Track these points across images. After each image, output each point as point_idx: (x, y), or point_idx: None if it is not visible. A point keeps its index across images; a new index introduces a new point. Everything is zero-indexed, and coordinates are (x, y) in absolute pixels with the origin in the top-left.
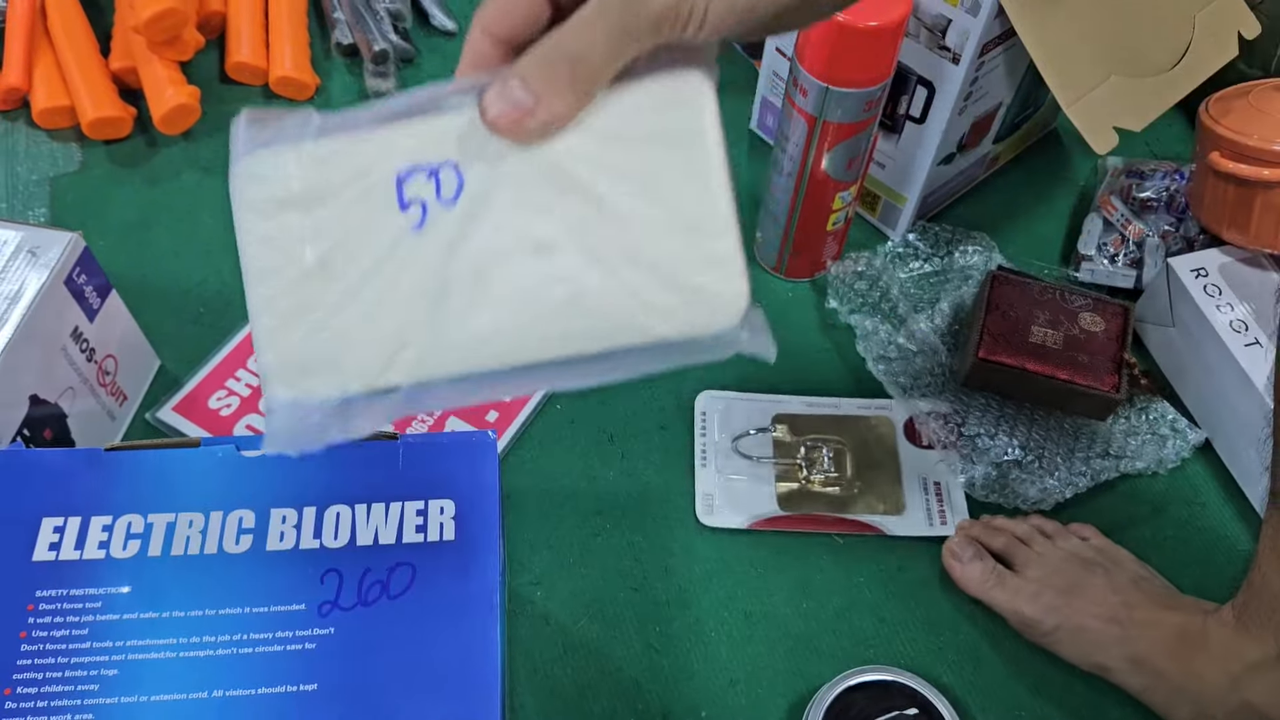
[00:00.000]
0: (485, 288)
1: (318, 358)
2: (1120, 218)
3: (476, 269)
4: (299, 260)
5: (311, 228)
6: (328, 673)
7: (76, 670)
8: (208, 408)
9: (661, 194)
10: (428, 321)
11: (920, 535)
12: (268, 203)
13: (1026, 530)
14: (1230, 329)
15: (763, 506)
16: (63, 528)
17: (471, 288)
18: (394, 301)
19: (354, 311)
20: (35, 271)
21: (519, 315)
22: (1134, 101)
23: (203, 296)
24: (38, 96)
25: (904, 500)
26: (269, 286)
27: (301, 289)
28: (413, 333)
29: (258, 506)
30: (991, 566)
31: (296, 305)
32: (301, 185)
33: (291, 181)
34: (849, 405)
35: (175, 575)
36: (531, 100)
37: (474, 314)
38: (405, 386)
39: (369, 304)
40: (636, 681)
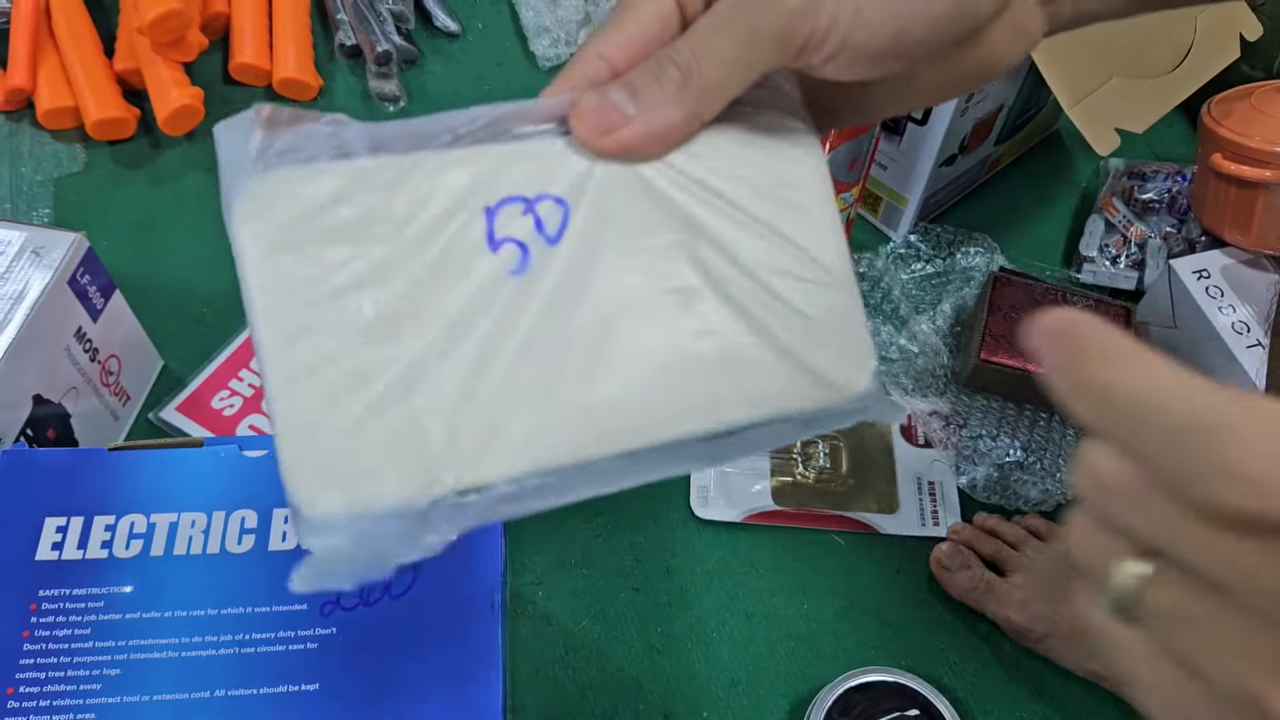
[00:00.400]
0: (612, 345)
1: (384, 448)
2: (1122, 219)
3: (599, 321)
4: (352, 313)
5: (367, 269)
6: (329, 672)
7: (79, 670)
8: (211, 408)
9: (787, 247)
10: (539, 391)
11: (913, 535)
12: (299, 234)
13: (1018, 534)
14: (1232, 330)
15: (757, 500)
16: (66, 527)
17: (595, 345)
18: (492, 366)
19: (436, 381)
20: (39, 272)
21: (659, 378)
22: (1136, 103)
23: (206, 297)
24: (42, 97)
25: (898, 499)
26: (306, 350)
27: (357, 352)
28: (519, 407)
29: (260, 506)
30: (980, 574)
31: (349, 375)
32: (353, 213)
33: (340, 208)
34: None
35: (178, 575)
36: (632, 108)
37: (600, 378)
38: (503, 481)
39: (458, 370)
40: (638, 682)
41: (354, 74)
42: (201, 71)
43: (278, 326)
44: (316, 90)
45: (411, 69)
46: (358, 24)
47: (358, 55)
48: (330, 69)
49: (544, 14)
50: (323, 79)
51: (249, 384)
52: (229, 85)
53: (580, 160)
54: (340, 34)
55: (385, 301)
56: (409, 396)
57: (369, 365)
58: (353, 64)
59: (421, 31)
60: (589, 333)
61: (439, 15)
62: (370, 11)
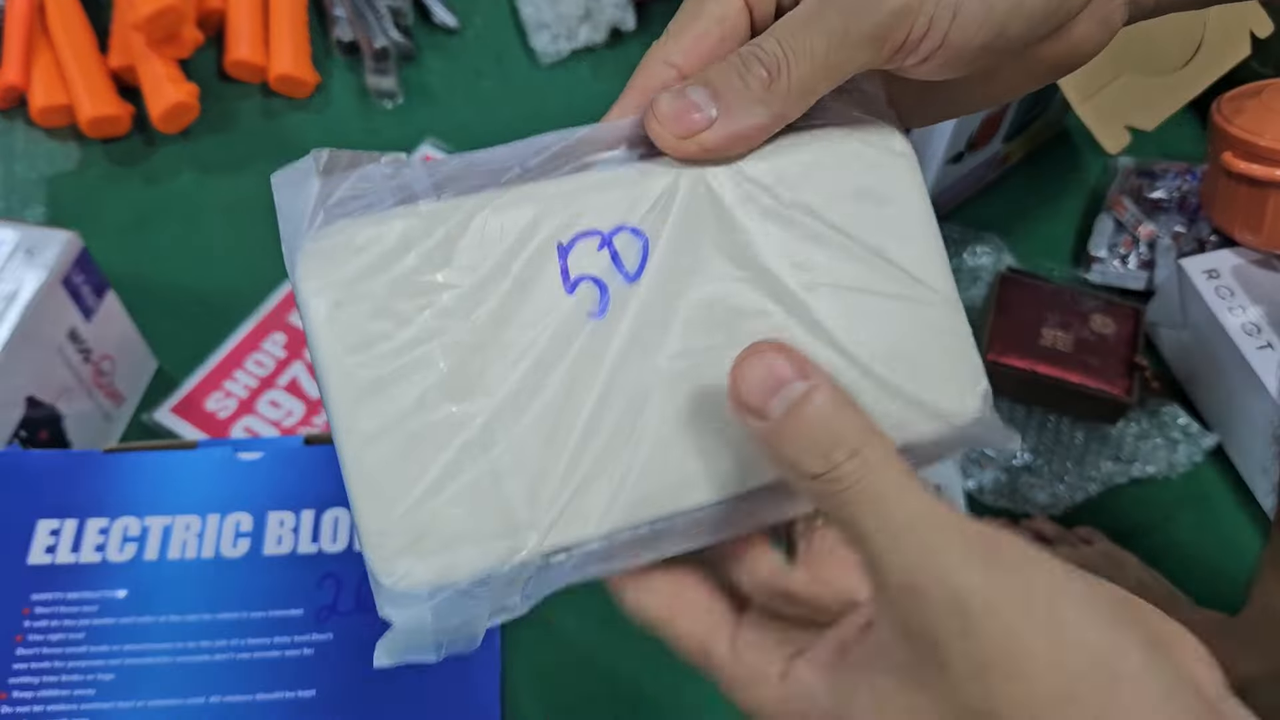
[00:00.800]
0: (699, 387)
1: (464, 512)
2: (1131, 218)
3: (685, 362)
4: (424, 367)
5: (436, 320)
6: (325, 679)
7: (73, 674)
8: (205, 409)
9: (882, 265)
10: (624, 440)
11: None
12: (365, 287)
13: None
14: (1243, 331)
15: None
16: (59, 530)
17: (680, 388)
18: (572, 418)
19: (514, 436)
20: (32, 271)
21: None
22: (1145, 100)
23: (201, 296)
24: (36, 94)
25: None
26: (377, 409)
27: (430, 409)
28: (604, 459)
29: (255, 510)
30: None
31: (424, 433)
32: (419, 261)
33: (405, 256)
34: None
35: (172, 579)
36: (714, 109)
37: (689, 423)
38: (597, 539)
39: (537, 424)
40: (638, 688)
41: (351, 70)
42: (197, 68)
43: (347, 386)
44: (313, 87)
45: (409, 65)
46: (355, 20)
47: (355, 51)
48: (327, 65)
49: (543, 9)
50: (319, 75)
51: (244, 386)
52: (224, 82)
53: (656, 187)
54: (337, 30)
55: (458, 354)
56: (487, 454)
57: (444, 423)
58: (350, 60)
59: (419, 27)
60: (674, 375)
61: (437, 11)
62: (368, 7)
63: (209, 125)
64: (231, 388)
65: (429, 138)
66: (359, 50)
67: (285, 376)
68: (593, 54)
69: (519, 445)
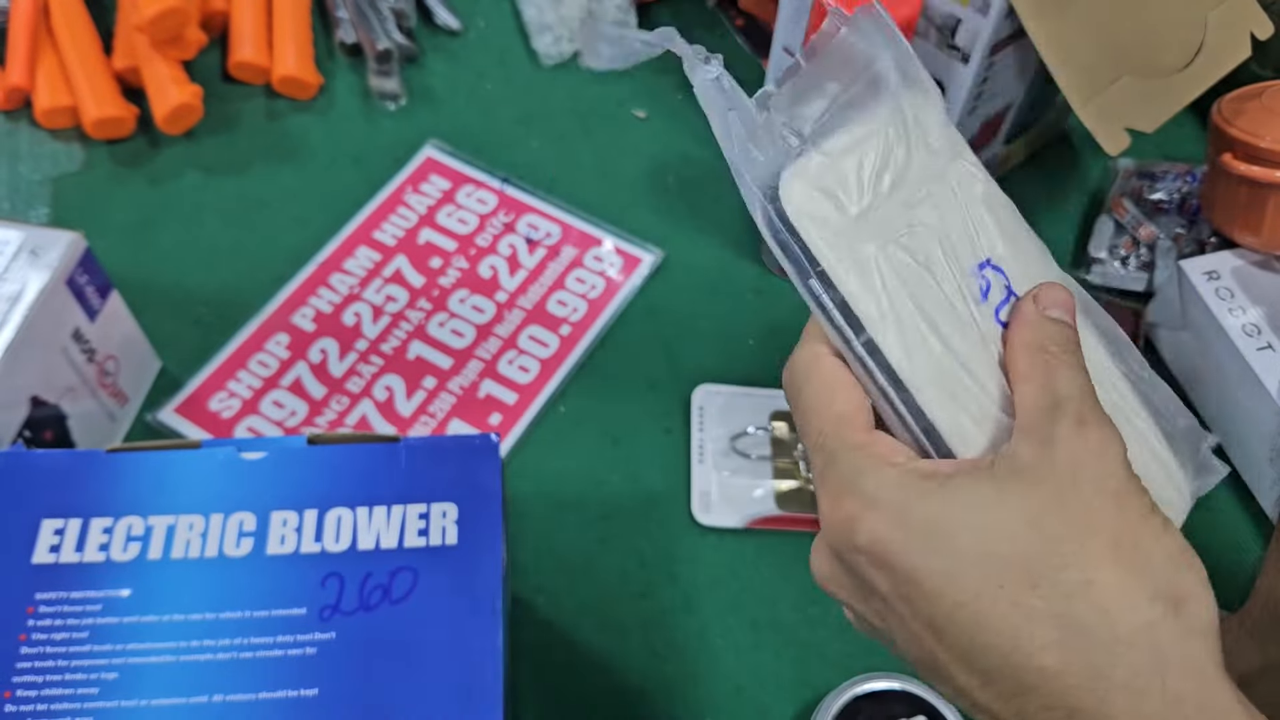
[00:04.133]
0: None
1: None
2: (1131, 220)
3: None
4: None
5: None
6: (329, 678)
7: (76, 674)
8: (209, 409)
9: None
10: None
11: None
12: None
13: None
14: (1243, 333)
15: (760, 505)
16: (63, 530)
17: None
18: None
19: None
20: (37, 272)
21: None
22: (1146, 102)
23: (204, 297)
24: (40, 96)
25: None
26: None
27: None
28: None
29: (258, 509)
30: None
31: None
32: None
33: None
34: None
35: (175, 578)
36: None
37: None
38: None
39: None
40: (641, 688)
41: (354, 72)
42: (200, 69)
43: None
44: (316, 88)
45: (412, 67)
46: (358, 21)
47: (358, 53)
48: (330, 67)
49: (546, 11)
50: (323, 77)
51: (247, 386)
52: (228, 83)
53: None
54: (340, 31)
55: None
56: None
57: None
58: (353, 61)
59: (422, 29)
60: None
61: (440, 12)
62: (371, 9)
63: (212, 126)
64: (235, 388)
65: (432, 139)
66: (362, 52)
67: (289, 377)
68: None
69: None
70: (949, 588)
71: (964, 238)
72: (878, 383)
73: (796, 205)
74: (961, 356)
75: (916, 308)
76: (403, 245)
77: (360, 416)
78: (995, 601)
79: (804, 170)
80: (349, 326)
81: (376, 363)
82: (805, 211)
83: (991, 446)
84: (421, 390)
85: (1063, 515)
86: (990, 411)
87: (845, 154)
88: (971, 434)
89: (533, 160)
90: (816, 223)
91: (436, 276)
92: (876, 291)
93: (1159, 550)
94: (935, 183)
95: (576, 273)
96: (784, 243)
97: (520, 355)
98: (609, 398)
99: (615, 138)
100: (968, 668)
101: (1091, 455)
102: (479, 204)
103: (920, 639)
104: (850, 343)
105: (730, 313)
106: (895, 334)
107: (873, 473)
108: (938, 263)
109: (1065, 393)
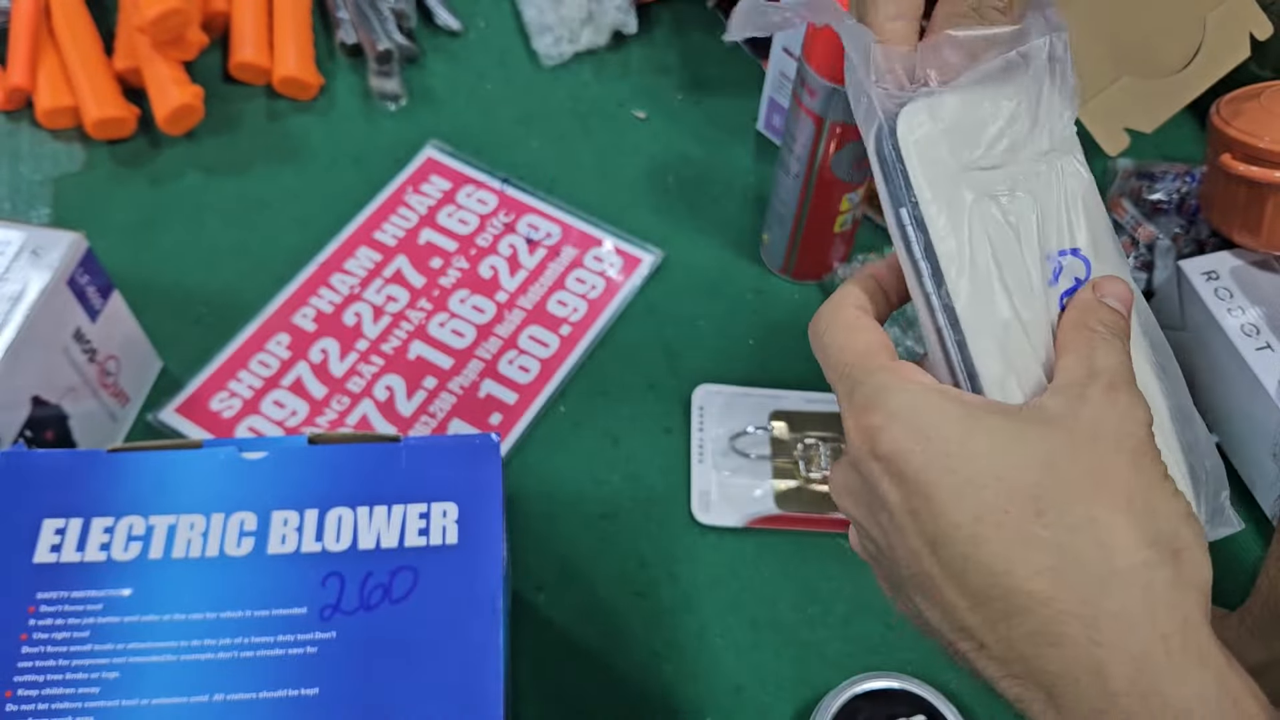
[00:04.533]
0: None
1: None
2: (1131, 220)
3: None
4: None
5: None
6: (329, 677)
7: (77, 673)
8: (209, 409)
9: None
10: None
11: None
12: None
13: None
14: (1242, 333)
15: (759, 504)
16: (64, 529)
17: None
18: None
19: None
20: (38, 272)
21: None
22: (1145, 103)
23: (205, 297)
24: (41, 96)
25: None
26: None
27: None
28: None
29: (259, 509)
30: None
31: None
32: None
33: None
34: None
35: (176, 578)
36: None
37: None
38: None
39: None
40: (641, 687)
41: (355, 72)
42: (201, 70)
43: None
44: (317, 89)
45: (413, 67)
46: (359, 22)
47: (359, 53)
48: (331, 67)
49: (546, 12)
50: (323, 77)
51: (248, 386)
52: (229, 84)
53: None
54: (341, 32)
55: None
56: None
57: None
58: (354, 62)
59: (423, 30)
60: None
61: (440, 13)
62: (371, 9)
63: (213, 127)
64: (236, 388)
65: (432, 140)
66: (362, 53)
67: (289, 376)
68: (595, 56)
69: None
70: (956, 505)
71: (1055, 222)
72: (936, 321)
73: (913, 135)
74: (1023, 319)
75: (995, 263)
76: (403, 245)
77: (361, 416)
78: (999, 525)
79: (932, 106)
80: (349, 326)
81: (377, 363)
82: (918, 141)
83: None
84: (422, 390)
85: (1078, 461)
86: (1035, 375)
87: (974, 106)
88: (1012, 391)
89: (533, 160)
90: (925, 159)
91: (437, 277)
92: (962, 235)
93: (1166, 508)
94: (1046, 165)
95: (577, 273)
96: (887, 167)
97: (520, 355)
98: (609, 398)
99: (615, 138)
100: (959, 587)
101: (1116, 415)
102: (479, 204)
103: (919, 555)
104: (922, 277)
105: (730, 313)
106: (969, 279)
107: (899, 390)
108: (1026, 232)
109: (1103, 365)
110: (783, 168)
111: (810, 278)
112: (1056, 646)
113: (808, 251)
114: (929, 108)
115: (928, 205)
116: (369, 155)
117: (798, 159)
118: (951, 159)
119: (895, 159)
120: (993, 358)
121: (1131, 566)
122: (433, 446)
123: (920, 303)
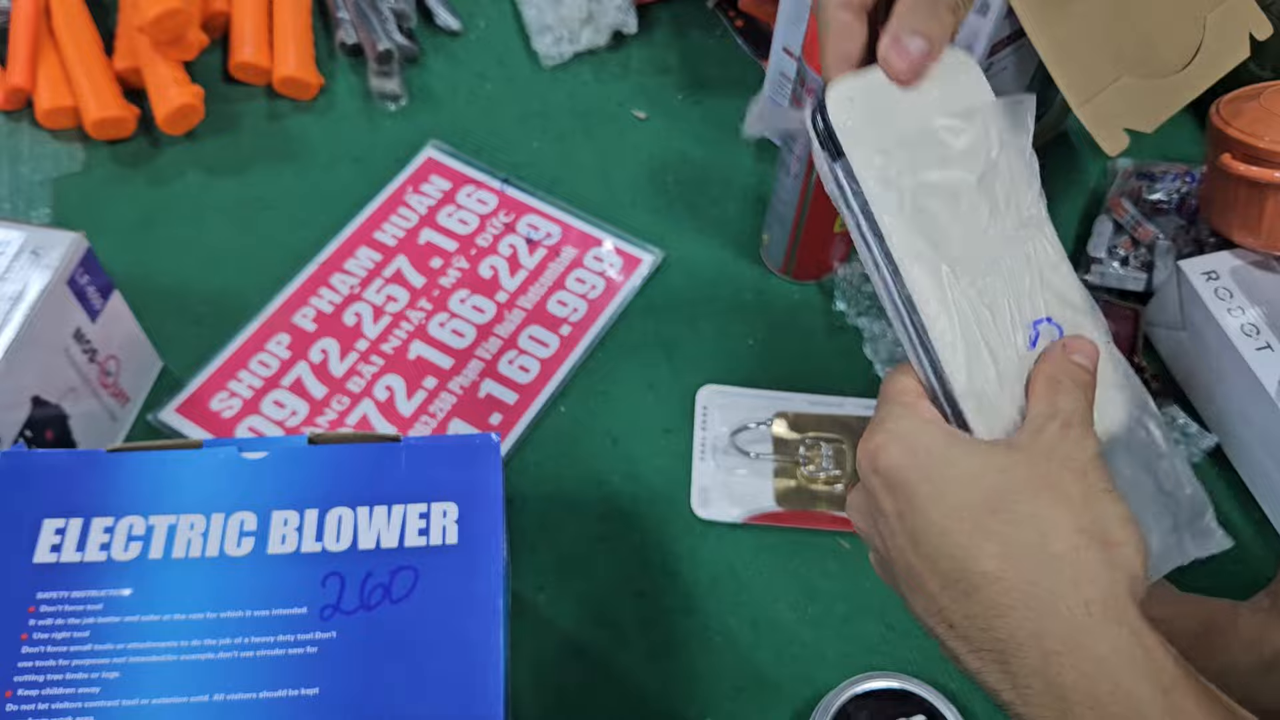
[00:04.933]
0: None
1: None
2: (1131, 220)
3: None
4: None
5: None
6: (329, 677)
7: (77, 673)
8: (210, 409)
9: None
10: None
11: None
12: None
13: None
14: (1242, 333)
15: (759, 502)
16: (64, 529)
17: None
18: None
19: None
20: (38, 272)
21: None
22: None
23: (206, 297)
24: (41, 97)
25: None
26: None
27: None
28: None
29: (259, 509)
30: None
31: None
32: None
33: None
34: (853, 405)
35: (176, 578)
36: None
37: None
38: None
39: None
40: (640, 687)
41: (355, 72)
42: (201, 70)
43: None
44: (317, 89)
45: (413, 67)
46: (359, 22)
47: (359, 53)
48: (331, 67)
49: (546, 12)
50: (323, 77)
51: (248, 386)
52: (229, 84)
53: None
54: (341, 32)
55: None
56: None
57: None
58: (354, 62)
59: (423, 30)
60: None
61: (440, 13)
62: (371, 9)
63: (214, 127)
64: (236, 388)
65: (432, 139)
66: (362, 53)
67: (290, 376)
68: (595, 56)
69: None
70: (932, 506)
71: (1029, 300)
72: (922, 364)
73: (839, 98)
74: (1001, 369)
75: (982, 338)
76: (403, 245)
77: (361, 416)
78: (960, 520)
79: (859, 78)
80: (350, 326)
81: (377, 362)
82: (847, 103)
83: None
84: (422, 390)
85: (1030, 472)
86: (1012, 419)
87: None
88: (995, 429)
89: (533, 160)
90: (855, 123)
91: (437, 276)
92: (950, 310)
93: (1103, 511)
94: (1017, 245)
95: (577, 273)
96: (821, 139)
97: (520, 355)
98: (609, 398)
99: (615, 138)
100: (934, 573)
101: (1068, 444)
102: (479, 204)
103: (905, 550)
104: (913, 339)
105: (730, 313)
106: (963, 355)
107: (906, 418)
108: (1001, 307)
109: (1063, 408)
110: (783, 168)
111: (810, 278)
112: (1003, 617)
113: (808, 251)
114: (856, 78)
115: (902, 261)
116: (369, 155)
117: (797, 159)
118: (884, 127)
119: (825, 130)
120: (980, 413)
121: (1065, 549)
122: (433, 446)
123: (911, 355)
